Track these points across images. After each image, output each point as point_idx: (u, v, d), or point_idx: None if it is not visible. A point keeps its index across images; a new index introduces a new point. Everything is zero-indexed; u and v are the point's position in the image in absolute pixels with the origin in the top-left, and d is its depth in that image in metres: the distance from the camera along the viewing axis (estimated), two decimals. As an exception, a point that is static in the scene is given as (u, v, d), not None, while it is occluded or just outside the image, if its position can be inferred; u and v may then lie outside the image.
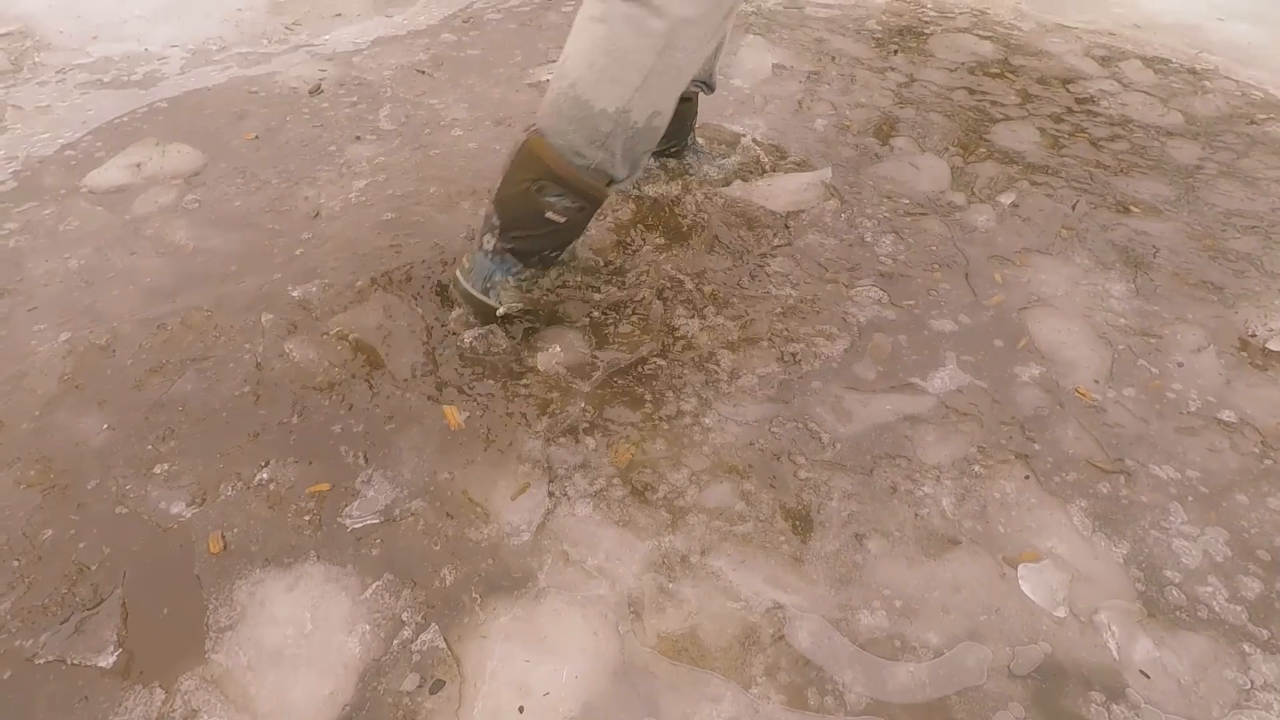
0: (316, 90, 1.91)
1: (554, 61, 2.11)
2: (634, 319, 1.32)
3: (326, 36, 2.18)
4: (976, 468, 1.10)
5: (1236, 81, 2.18)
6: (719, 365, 1.24)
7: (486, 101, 1.90)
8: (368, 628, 0.91)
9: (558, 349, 1.24)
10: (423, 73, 2.02)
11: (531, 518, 1.02)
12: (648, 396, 1.19)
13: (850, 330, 1.31)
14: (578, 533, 1.01)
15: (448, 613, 0.93)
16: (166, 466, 1.07)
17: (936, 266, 1.46)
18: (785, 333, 1.30)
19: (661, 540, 1.01)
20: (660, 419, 1.15)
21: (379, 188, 1.60)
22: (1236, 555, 1.01)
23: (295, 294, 1.34)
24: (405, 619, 0.92)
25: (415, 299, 1.34)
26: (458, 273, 1.26)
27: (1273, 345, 1.32)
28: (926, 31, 2.39)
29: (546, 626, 0.92)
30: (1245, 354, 1.31)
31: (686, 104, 1.56)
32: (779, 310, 1.35)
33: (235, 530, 1.00)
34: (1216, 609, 0.95)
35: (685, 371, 1.23)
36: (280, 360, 1.22)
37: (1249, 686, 0.88)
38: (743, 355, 1.26)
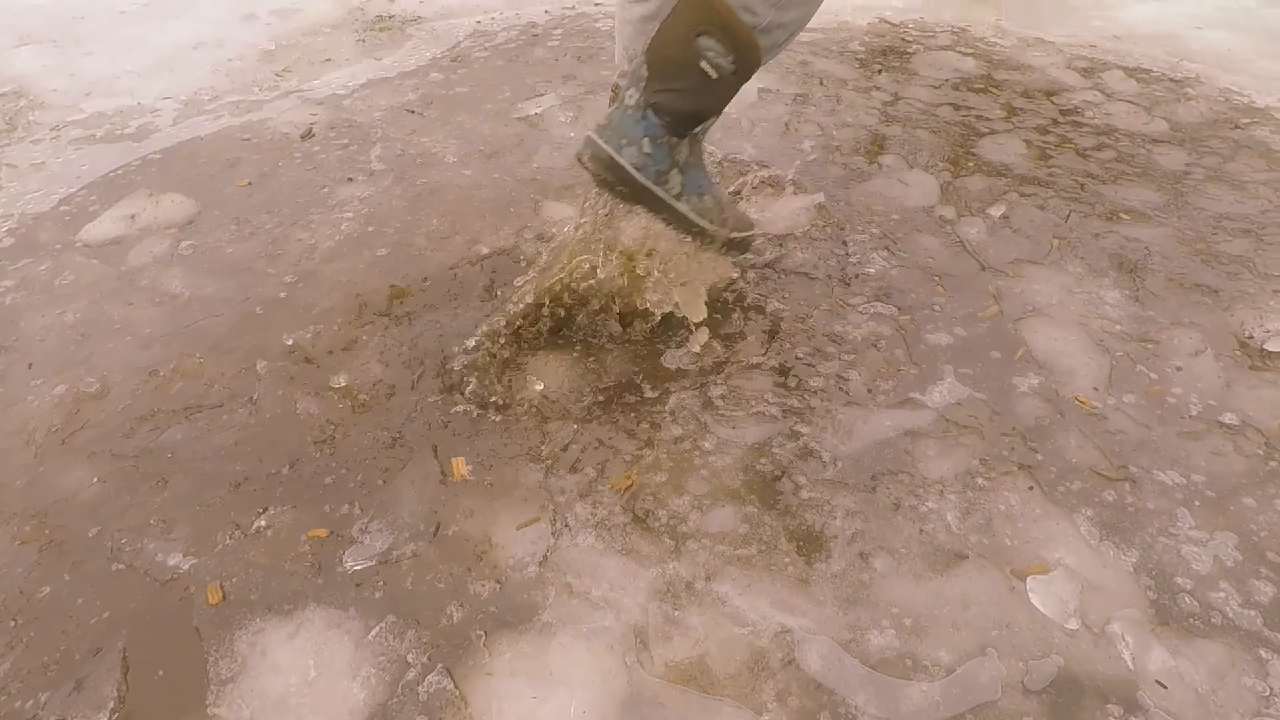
0: (308, 134, 1.94)
1: (542, 95, 2.15)
2: (626, 342, 1.32)
3: (316, 81, 2.21)
4: (979, 480, 1.09)
5: (1218, 88, 2.21)
6: (715, 387, 1.24)
7: (476, 137, 1.93)
8: (372, 671, 0.90)
9: (547, 377, 1.24)
10: (412, 112, 2.05)
11: (534, 550, 1.02)
12: (645, 422, 1.18)
13: (846, 347, 1.31)
14: (580, 563, 1.00)
15: (453, 652, 0.92)
16: (162, 517, 1.07)
17: (930, 281, 1.46)
18: (781, 352, 1.30)
19: (665, 567, 1.00)
20: (659, 444, 1.15)
21: (372, 228, 1.61)
22: (1247, 559, 0.99)
23: (289, 340, 1.34)
24: (410, 660, 0.91)
25: (413, 341, 1.34)
26: (592, 134, 1.17)
27: (1270, 346, 1.32)
28: (909, 51, 2.43)
29: (553, 661, 0.91)
30: (1244, 356, 1.31)
31: None
32: (774, 330, 1.35)
33: (234, 580, 1.00)
34: (1230, 615, 0.94)
35: (681, 394, 1.22)
36: (276, 405, 1.22)
37: (1268, 693, 0.86)
38: (739, 376, 1.26)
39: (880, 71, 2.29)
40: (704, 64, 1.11)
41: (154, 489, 1.10)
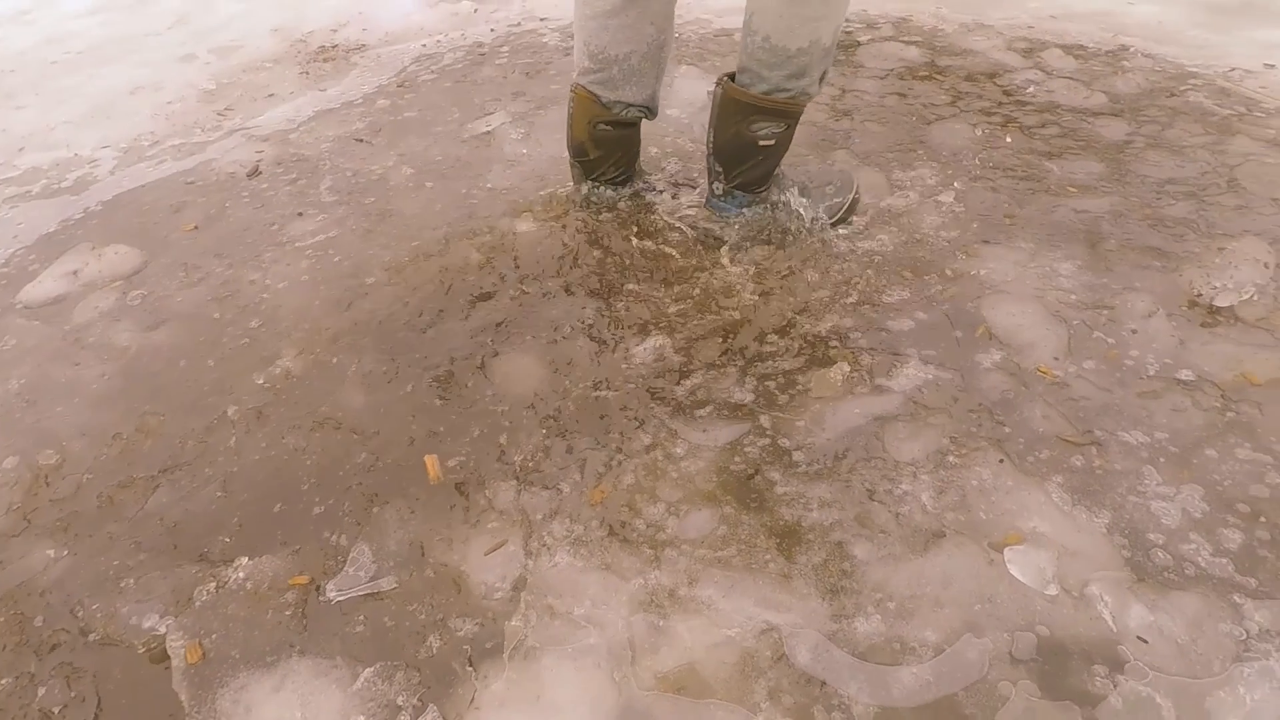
0: (254, 172, 1.91)
1: (491, 114, 2.14)
2: (588, 347, 1.31)
3: (260, 118, 2.18)
4: (951, 458, 1.10)
5: (1152, 58, 2.27)
6: (682, 390, 1.24)
7: (428, 160, 1.92)
8: (363, 719, 0.88)
9: (519, 383, 1.23)
10: (361, 141, 2.03)
11: (512, 574, 1.00)
12: (614, 431, 1.18)
13: (810, 340, 1.32)
14: (561, 583, 0.99)
15: (442, 689, 0.90)
16: (134, 580, 1.04)
17: (889, 268, 1.48)
18: (745, 350, 1.31)
19: (647, 578, 0.99)
20: (630, 453, 1.14)
21: (327, 261, 1.59)
22: (1214, 509, 1.01)
23: (260, 380, 1.32)
24: (401, 703, 0.89)
25: (386, 365, 1.32)
26: (704, 223, 1.47)
27: (1219, 302, 1.35)
28: (853, 43, 2.46)
29: (541, 686, 0.89)
30: (1194, 314, 1.33)
31: (632, 129, 1.59)
32: (736, 330, 1.35)
33: (214, 636, 0.97)
34: (1203, 565, 0.95)
35: (648, 401, 1.22)
36: (259, 447, 1.20)
37: (1245, 636, 0.88)
38: (704, 377, 1.26)
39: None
40: (761, 141, 1.33)
41: (128, 553, 1.07)
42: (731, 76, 1.37)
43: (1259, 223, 1.51)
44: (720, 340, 1.33)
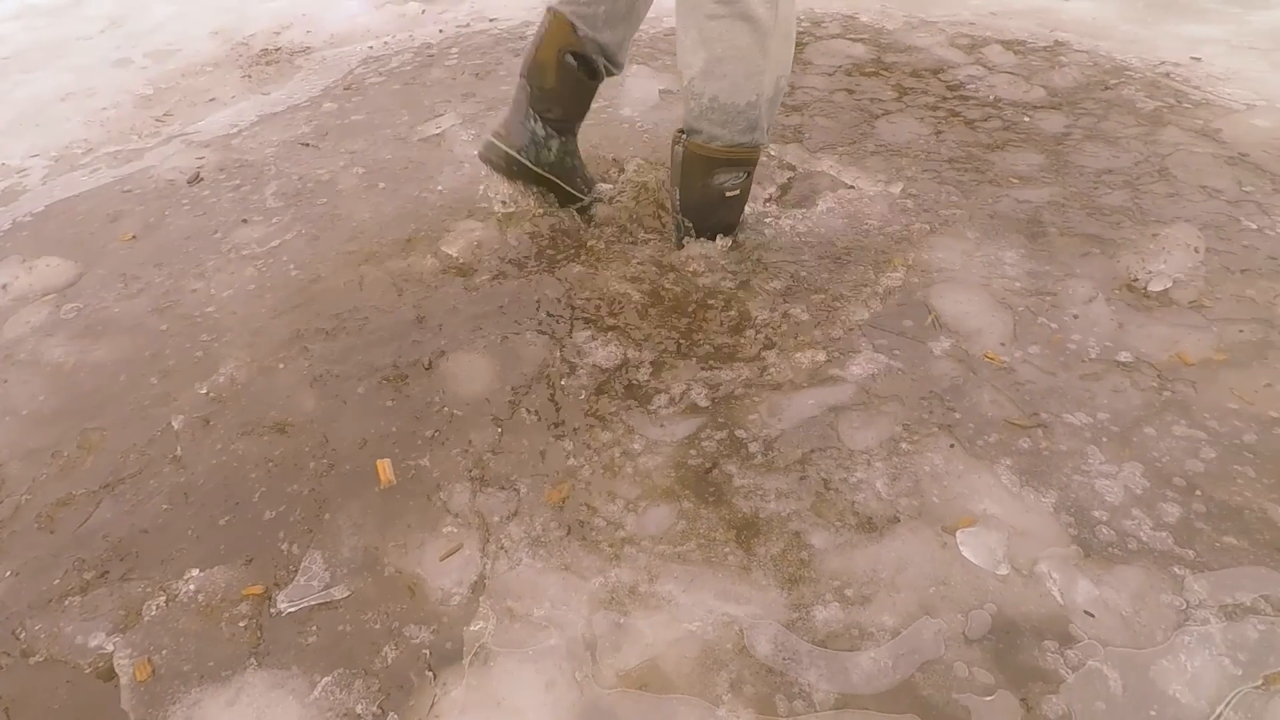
0: (195, 179, 1.86)
1: (441, 116, 2.12)
2: (542, 345, 1.31)
3: (201, 123, 2.12)
4: (904, 445, 1.12)
5: (1088, 53, 2.34)
6: (637, 386, 1.24)
7: (376, 164, 1.88)
8: (316, 727, 0.86)
9: (472, 381, 1.22)
10: (307, 145, 1.99)
11: (467, 576, 0.99)
12: (570, 429, 1.17)
13: (763, 333, 1.33)
14: (520, 585, 0.98)
15: (402, 696, 0.88)
16: (79, 599, 1.00)
17: (841, 261, 1.50)
18: (700, 344, 1.31)
19: (607, 576, 0.98)
20: (587, 451, 1.14)
21: (274, 267, 1.55)
22: (1154, 485, 1.05)
23: (203, 389, 1.28)
24: (360, 711, 0.87)
25: (332, 372, 1.30)
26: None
27: (1154, 286, 1.40)
28: (802, 41, 2.49)
29: (501, 689, 0.88)
30: (1132, 298, 1.38)
31: (593, 83, 1.53)
32: (692, 323, 1.36)
33: (164, 651, 0.94)
34: (1144, 539, 0.98)
35: (604, 398, 1.22)
36: (205, 456, 1.16)
37: (1185, 606, 0.91)
38: (660, 372, 1.26)
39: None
40: (727, 193, 1.36)
41: (71, 572, 1.03)
42: (683, 133, 1.36)
43: (1189, 209, 1.57)
44: (675, 334, 1.34)
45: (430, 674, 0.90)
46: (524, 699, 0.87)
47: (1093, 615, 0.90)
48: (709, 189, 1.35)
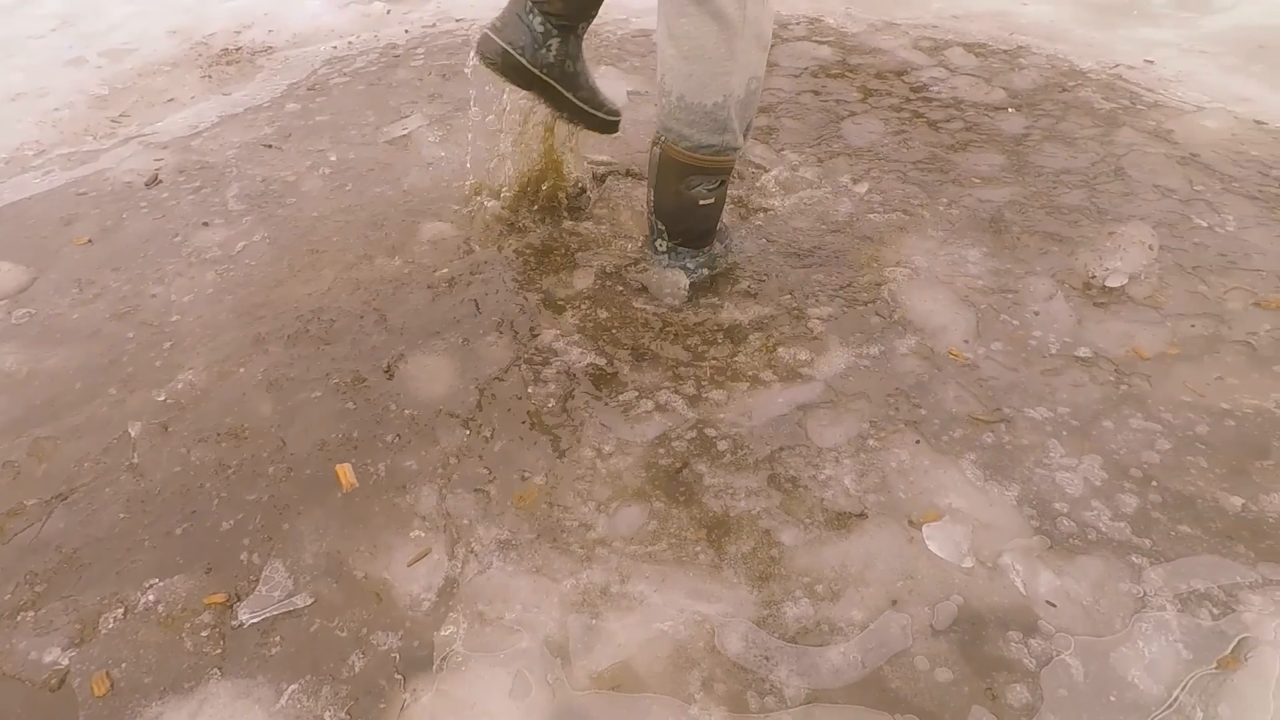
0: (154, 181, 1.81)
1: (408, 117, 2.09)
2: (510, 346, 1.30)
3: (159, 124, 2.07)
4: (871, 442, 1.14)
5: (1046, 56, 2.39)
6: (606, 387, 1.24)
7: (342, 165, 1.86)
8: (281, 736, 0.84)
9: (435, 385, 1.21)
10: (270, 146, 1.95)
11: (435, 581, 0.98)
12: (539, 431, 1.17)
13: (732, 333, 1.34)
14: (491, 588, 0.97)
15: (370, 703, 0.87)
16: (32, 613, 0.97)
17: (807, 260, 1.51)
18: (667, 346, 1.32)
19: (579, 578, 0.98)
20: (557, 452, 1.13)
21: (236, 271, 1.52)
22: (1112, 477, 1.07)
23: (161, 396, 1.25)
24: (329, 718, 0.86)
25: (294, 373, 1.27)
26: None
27: (1111, 283, 1.43)
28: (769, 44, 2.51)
29: (473, 694, 0.87)
30: (1090, 294, 1.41)
31: None
32: (663, 323, 1.36)
33: (123, 665, 0.91)
34: (1103, 529, 1.01)
35: (574, 399, 1.22)
36: (162, 463, 1.14)
37: (1142, 594, 0.93)
38: (628, 374, 1.26)
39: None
40: (701, 200, 1.35)
41: (23, 585, 1.00)
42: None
43: (1143, 208, 1.62)
44: (644, 335, 1.34)
45: (400, 679, 0.89)
46: (495, 703, 0.86)
47: (1054, 605, 0.92)
48: (682, 195, 1.35)
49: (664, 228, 1.42)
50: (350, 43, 2.52)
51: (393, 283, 1.48)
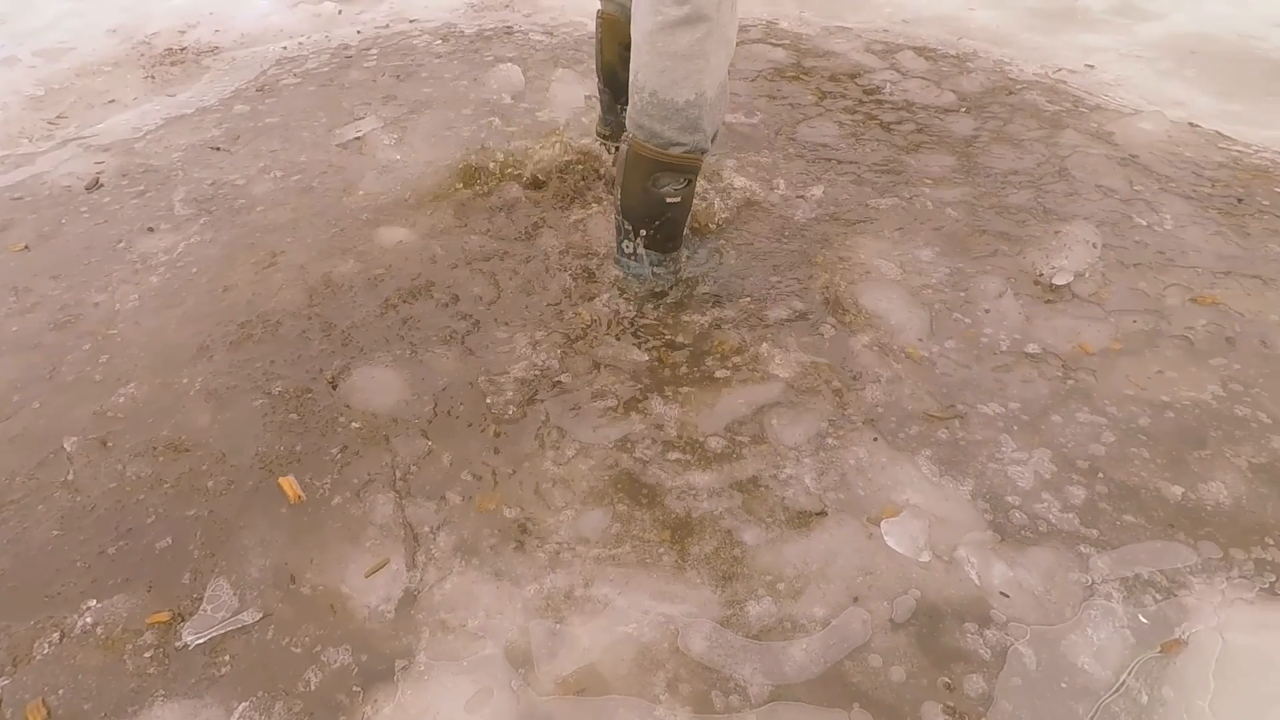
0: (95, 185, 1.75)
1: (361, 119, 2.06)
2: (467, 351, 1.29)
3: (100, 126, 2.00)
4: (830, 440, 1.15)
5: (993, 60, 2.46)
6: (566, 392, 1.23)
7: (294, 168, 1.82)
8: (234, 757, 0.82)
9: (387, 394, 1.19)
10: (218, 149, 1.90)
11: (395, 590, 0.96)
12: (500, 435, 1.16)
13: (692, 335, 1.35)
14: (452, 596, 0.96)
15: (329, 717, 0.85)
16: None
17: (765, 262, 1.53)
18: (627, 350, 1.32)
19: (542, 583, 0.98)
20: (519, 457, 1.13)
21: (183, 277, 1.48)
22: (1060, 469, 1.11)
23: (98, 407, 1.20)
24: (282, 737, 0.84)
25: (240, 383, 1.24)
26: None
27: (1057, 280, 1.48)
28: (720, 46, 2.53)
29: (435, 704, 0.86)
30: (1038, 292, 1.46)
31: None
32: (618, 330, 1.36)
33: (61, 691, 0.88)
34: (1053, 520, 1.04)
35: (534, 403, 1.21)
36: (98, 479, 1.09)
37: (1090, 583, 0.97)
38: (588, 378, 1.26)
39: (697, 68, 2.37)
40: (668, 199, 1.36)
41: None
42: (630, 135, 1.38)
43: (1086, 207, 1.67)
44: (606, 337, 1.34)
45: (359, 692, 0.87)
46: (458, 712, 0.85)
47: (1008, 596, 0.95)
48: (649, 193, 1.36)
49: (630, 228, 1.42)
50: (300, 43, 2.46)
51: (346, 289, 1.45)
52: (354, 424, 1.18)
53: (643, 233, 1.42)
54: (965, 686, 0.87)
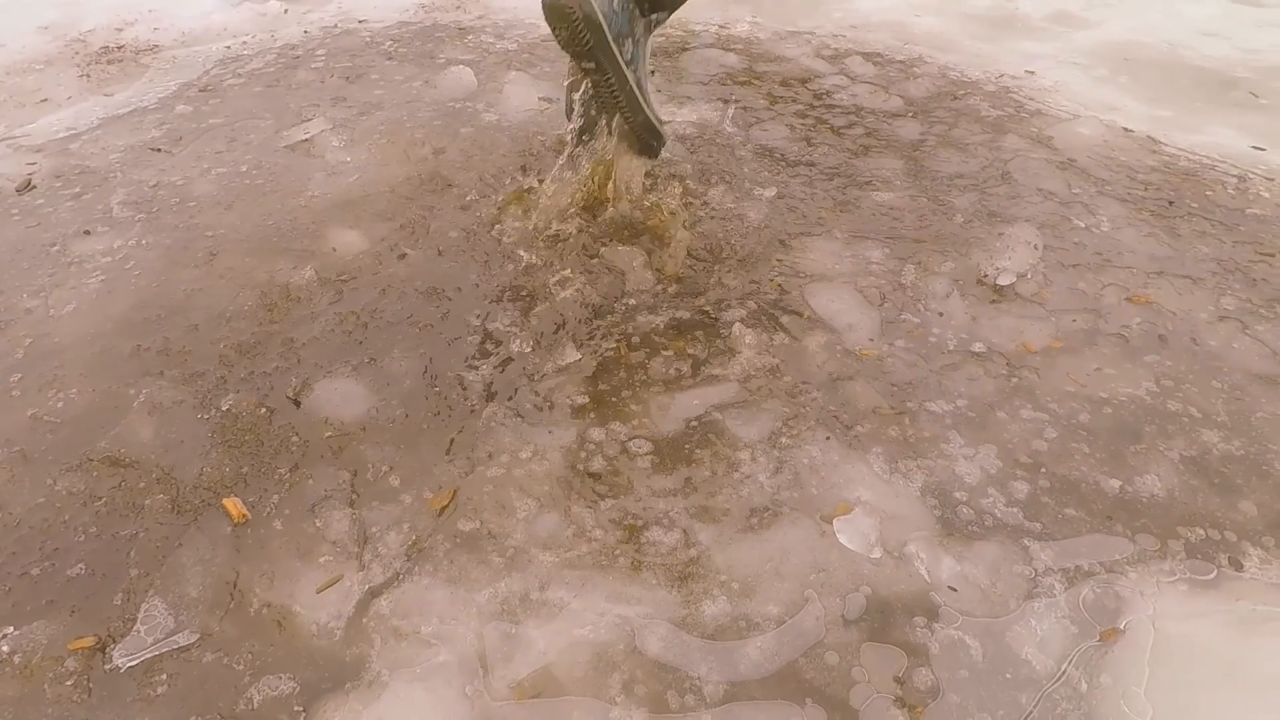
0: (26, 187, 1.68)
1: (309, 120, 2.01)
2: (418, 356, 1.27)
3: (31, 125, 1.92)
4: (784, 439, 1.17)
5: (938, 66, 2.52)
6: (521, 392, 1.22)
7: (239, 171, 1.77)
8: (175, 777, 0.79)
9: (339, 403, 1.17)
10: (159, 150, 1.84)
11: (347, 601, 0.94)
12: (453, 439, 1.14)
13: (646, 336, 1.35)
14: (406, 603, 0.95)
15: (273, 731, 0.83)
16: None
17: (718, 265, 1.54)
18: (587, 350, 1.31)
19: (498, 586, 0.97)
20: (472, 460, 1.11)
21: (122, 282, 1.43)
22: (1005, 465, 1.14)
23: (30, 413, 1.15)
24: (225, 758, 0.81)
25: (183, 394, 1.20)
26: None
27: (1002, 281, 1.52)
28: (679, 51, 2.55)
29: (388, 713, 0.85)
30: (983, 292, 1.50)
31: None
32: (572, 333, 1.36)
33: (-24, 724, 0.84)
34: (999, 515, 1.07)
35: (487, 405, 1.20)
36: (23, 494, 1.04)
37: (1033, 575, 1.00)
38: (544, 377, 1.25)
39: (653, 73, 2.39)
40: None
41: None
42: None
43: (1029, 210, 1.73)
44: (559, 342, 1.33)
45: (302, 711, 0.85)
46: (411, 723, 0.84)
47: (955, 590, 0.97)
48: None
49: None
50: (245, 42, 2.40)
51: (294, 296, 1.42)
52: (305, 434, 1.15)
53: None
54: (914, 679, 0.89)
